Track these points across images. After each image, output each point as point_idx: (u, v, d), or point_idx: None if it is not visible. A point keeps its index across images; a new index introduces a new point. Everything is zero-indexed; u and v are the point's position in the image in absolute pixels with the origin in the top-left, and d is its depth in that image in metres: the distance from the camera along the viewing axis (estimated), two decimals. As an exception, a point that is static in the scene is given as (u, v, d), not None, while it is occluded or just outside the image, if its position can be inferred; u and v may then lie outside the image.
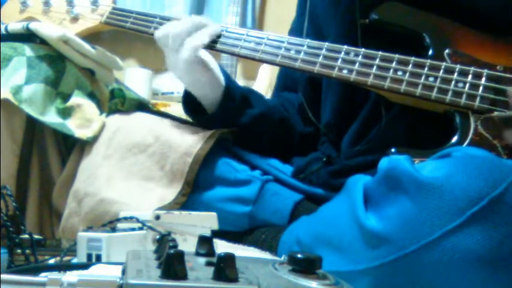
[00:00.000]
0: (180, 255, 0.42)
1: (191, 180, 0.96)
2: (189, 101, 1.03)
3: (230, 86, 1.02)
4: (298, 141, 1.11)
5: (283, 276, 0.45)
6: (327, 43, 0.93)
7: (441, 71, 0.86)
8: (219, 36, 1.00)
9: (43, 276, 0.44)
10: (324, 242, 0.73)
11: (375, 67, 0.89)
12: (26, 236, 0.72)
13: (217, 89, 1.01)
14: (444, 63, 0.87)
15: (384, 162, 0.70)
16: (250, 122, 1.03)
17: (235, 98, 1.02)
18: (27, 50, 1.03)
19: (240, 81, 2.36)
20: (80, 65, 1.08)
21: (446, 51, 0.89)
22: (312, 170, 0.99)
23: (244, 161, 1.02)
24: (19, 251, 0.69)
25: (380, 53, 0.89)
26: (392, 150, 0.81)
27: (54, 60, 1.05)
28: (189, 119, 1.06)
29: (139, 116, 1.04)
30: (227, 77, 1.03)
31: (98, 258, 0.65)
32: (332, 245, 0.71)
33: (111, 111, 1.08)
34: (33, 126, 1.04)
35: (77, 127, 1.01)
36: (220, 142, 1.01)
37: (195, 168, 0.96)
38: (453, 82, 0.85)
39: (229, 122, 1.02)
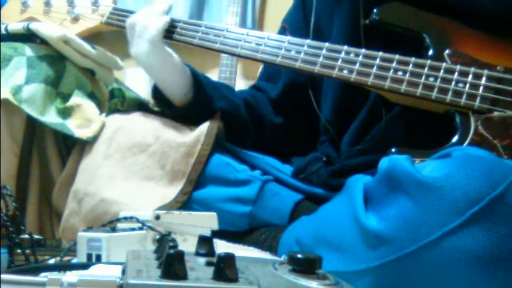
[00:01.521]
0: (180, 255, 0.42)
1: (194, 180, 0.96)
2: (158, 96, 1.05)
3: (196, 72, 1.04)
4: (271, 131, 1.12)
5: (283, 276, 0.45)
6: (327, 43, 0.93)
7: (441, 71, 0.86)
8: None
9: (43, 276, 0.44)
10: (324, 242, 0.73)
11: (375, 67, 0.89)
12: (26, 236, 0.72)
13: (184, 76, 1.02)
14: (444, 64, 0.87)
15: (384, 162, 0.70)
16: (224, 106, 1.04)
17: (204, 83, 1.03)
18: (27, 50, 1.04)
19: (240, 81, 2.36)
20: (80, 65, 1.08)
21: (447, 51, 0.89)
22: (312, 170, 0.99)
23: (244, 161, 1.02)
24: (19, 251, 0.69)
25: (380, 53, 0.89)
26: (393, 150, 0.81)
27: (54, 60, 1.05)
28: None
29: (139, 116, 1.04)
30: (190, 67, 1.05)
31: (98, 258, 0.65)
32: (332, 245, 0.71)
33: (111, 111, 1.08)
34: (33, 126, 1.04)
35: (76, 127, 1.01)
36: (220, 142, 1.01)
37: (198, 168, 0.96)
38: (453, 82, 0.85)
39: (204, 108, 1.02)
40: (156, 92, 1.05)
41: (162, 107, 1.07)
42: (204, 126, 1.00)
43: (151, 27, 0.98)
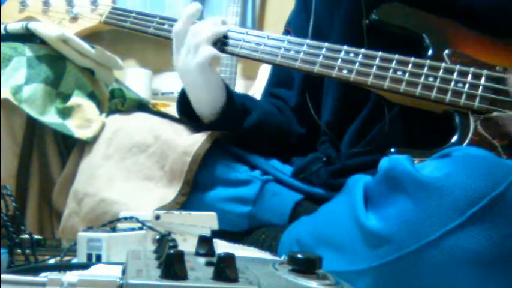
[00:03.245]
0: (180, 255, 0.42)
1: (190, 180, 0.96)
2: (184, 106, 1.03)
3: (231, 91, 1.02)
4: (296, 141, 1.11)
5: (283, 276, 0.45)
6: (326, 43, 0.93)
7: (441, 71, 0.86)
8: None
9: (43, 276, 0.44)
10: (324, 242, 0.73)
11: (374, 67, 0.89)
12: (26, 236, 0.72)
13: (222, 95, 1.00)
14: (444, 64, 0.87)
15: (384, 162, 0.70)
16: (250, 128, 1.03)
17: (236, 104, 1.02)
18: (27, 50, 1.03)
19: (240, 81, 2.36)
20: (79, 64, 1.08)
21: (446, 51, 0.89)
22: (312, 170, 0.99)
23: (244, 161, 1.02)
24: (19, 251, 0.69)
25: (380, 53, 0.89)
26: (392, 150, 0.81)
27: (54, 60, 1.05)
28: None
29: (139, 116, 1.04)
30: (226, 85, 1.03)
31: (98, 258, 0.65)
32: (332, 245, 0.71)
33: (111, 111, 1.08)
34: (33, 126, 1.04)
35: (76, 127, 1.01)
36: (220, 142, 1.01)
37: (193, 168, 0.95)
38: (453, 82, 0.85)
39: (230, 127, 1.01)
40: (183, 104, 1.03)
41: (187, 119, 1.04)
42: (208, 131, 0.99)
43: (204, 52, 0.95)
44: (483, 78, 0.84)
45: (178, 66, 0.99)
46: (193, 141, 0.97)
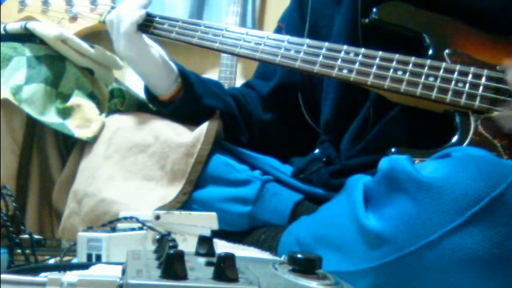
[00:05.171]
0: (180, 255, 0.42)
1: (194, 180, 0.96)
2: (149, 94, 1.05)
3: (184, 69, 1.03)
4: (258, 127, 1.12)
5: (283, 276, 0.45)
6: (326, 43, 0.93)
7: (441, 70, 0.86)
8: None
9: (43, 276, 0.44)
10: (324, 242, 0.73)
11: (375, 67, 0.89)
12: (26, 236, 0.72)
13: (166, 68, 1.01)
14: (444, 63, 0.87)
15: (384, 162, 0.70)
16: (214, 103, 1.04)
17: (192, 80, 1.03)
18: (27, 50, 1.03)
19: (240, 81, 2.35)
20: (78, 64, 1.08)
21: (446, 51, 0.89)
22: (312, 170, 0.99)
23: (244, 161, 1.02)
24: (19, 251, 0.69)
25: (380, 52, 0.89)
26: (392, 150, 0.81)
27: (54, 60, 1.05)
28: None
29: (139, 116, 1.04)
30: (178, 65, 1.04)
31: (98, 258, 0.65)
32: (332, 245, 0.71)
33: (111, 111, 1.08)
34: (33, 126, 1.04)
35: (76, 127, 1.01)
36: (220, 142, 1.01)
37: (198, 168, 0.96)
38: (453, 82, 0.85)
39: (194, 105, 1.02)
40: (147, 90, 1.05)
41: (155, 104, 1.06)
42: (204, 126, 1.00)
43: (125, 21, 0.99)
44: (484, 78, 0.84)
45: (115, 49, 1.01)
46: (195, 141, 0.97)
